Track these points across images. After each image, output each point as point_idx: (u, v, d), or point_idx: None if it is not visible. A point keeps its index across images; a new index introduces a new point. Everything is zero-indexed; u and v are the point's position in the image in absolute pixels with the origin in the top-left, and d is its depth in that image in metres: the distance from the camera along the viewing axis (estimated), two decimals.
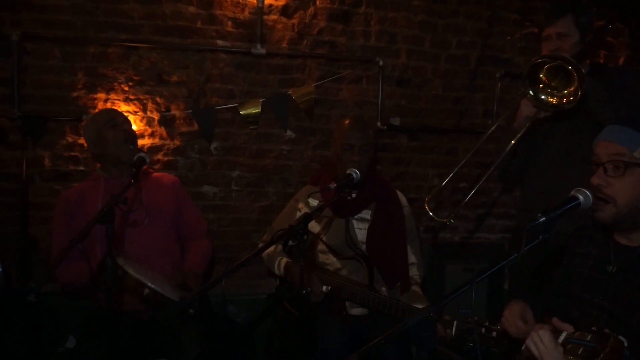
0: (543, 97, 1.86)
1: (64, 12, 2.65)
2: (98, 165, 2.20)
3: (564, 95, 1.81)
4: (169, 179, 2.28)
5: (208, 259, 2.20)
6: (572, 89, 1.77)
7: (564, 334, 1.09)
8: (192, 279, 2.00)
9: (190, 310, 1.70)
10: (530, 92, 1.86)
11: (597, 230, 1.40)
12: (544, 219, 1.18)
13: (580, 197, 1.24)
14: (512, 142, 1.94)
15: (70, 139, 2.74)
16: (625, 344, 1.01)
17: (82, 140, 2.74)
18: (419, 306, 1.92)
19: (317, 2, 2.93)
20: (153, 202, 2.13)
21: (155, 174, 2.28)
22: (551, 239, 1.20)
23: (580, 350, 1.02)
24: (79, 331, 2.13)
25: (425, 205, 2.02)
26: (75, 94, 2.72)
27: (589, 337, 1.03)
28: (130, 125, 2.17)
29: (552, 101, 1.85)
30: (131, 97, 2.78)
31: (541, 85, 1.86)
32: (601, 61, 3.36)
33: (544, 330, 1.10)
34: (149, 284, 1.75)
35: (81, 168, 2.77)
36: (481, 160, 3.06)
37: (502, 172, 2.19)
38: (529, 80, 1.85)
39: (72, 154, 2.76)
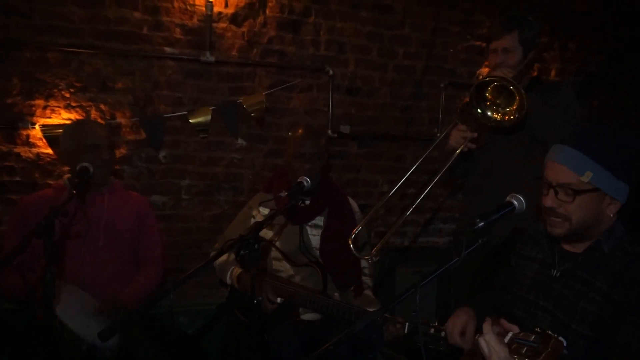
0: (489, 113, 1.98)
1: None
2: (67, 176, 2.11)
3: (507, 113, 1.95)
4: (138, 201, 2.21)
5: (151, 286, 2.12)
6: (514, 107, 1.91)
7: (510, 334, 1.15)
8: (114, 307, 1.90)
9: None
10: (479, 110, 1.98)
11: (543, 235, 1.46)
12: (482, 223, 1.24)
13: (515, 202, 1.32)
14: (448, 164, 2.06)
15: (4, 148, 2.58)
16: (565, 344, 1.08)
17: (17, 150, 2.60)
18: (371, 310, 1.96)
19: (267, 11, 2.94)
20: (113, 222, 2.07)
21: (125, 193, 2.21)
22: (489, 242, 1.27)
23: (524, 349, 1.07)
24: (13, 349, 2.01)
25: (350, 241, 1.94)
26: (9, 100, 2.56)
27: (533, 337, 1.09)
28: (110, 150, 2.10)
29: (497, 117, 1.98)
30: (73, 104, 2.66)
31: (488, 103, 1.98)
32: (535, 74, 3.60)
33: (490, 334, 1.16)
34: (69, 327, 1.72)
35: (17, 179, 2.61)
36: (428, 167, 3.17)
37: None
38: (476, 96, 1.96)
39: (7, 164, 2.60)
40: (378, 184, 3.33)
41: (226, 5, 2.84)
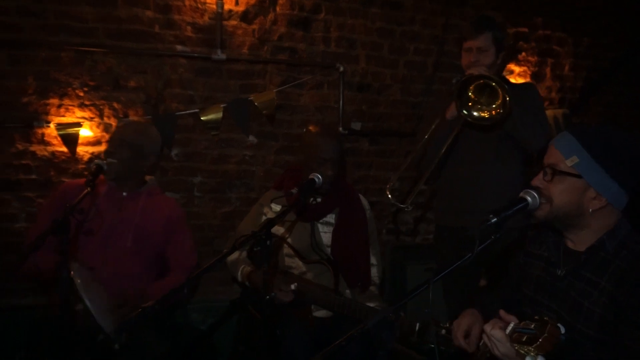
0: (475, 113, 2.05)
1: (9, 14, 2.52)
2: None
3: (493, 108, 2.01)
4: (171, 209, 2.19)
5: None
6: (499, 101, 1.99)
7: (511, 325, 1.17)
8: (135, 300, 1.90)
9: (116, 346, 1.71)
10: (464, 111, 2.04)
11: (549, 233, 1.45)
12: (495, 219, 1.22)
13: (529, 198, 1.30)
14: (443, 148, 2.12)
15: (20, 147, 2.62)
16: (562, 331, 1.09)
17: (33, 148, 2.64)
18: (372, 305, 1.97)
19: (277, 9, 2.94)
20: (144, 224, 2.09)
21: (161, 197, 2.22)
22: (502, 237, 1.26)
23: (525, 338, 1.11)
24: (28, 345, 2.05)
25: (387, 191, 2.20)
26: (25, 100, 2.60)
27: (533, 325, 1.12)
28: (134, 152, 2.08)
29: (485, 115, 2.04)
30: (86, 102, 2.69)
31: (470, 103, 2.05)
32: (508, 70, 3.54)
33: (493, 328, 1.18)
34: (86, 303, 1.71)
35: (33, 177, 2.65)
36: None
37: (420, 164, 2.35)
38: (459, 100, 2.02)
39: (23, 162, 2.64)
40: (389, 180, 3.31)
41: (237, 3, 2.85)
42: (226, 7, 2.81)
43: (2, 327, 2.46)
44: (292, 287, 2.00)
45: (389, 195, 2.19)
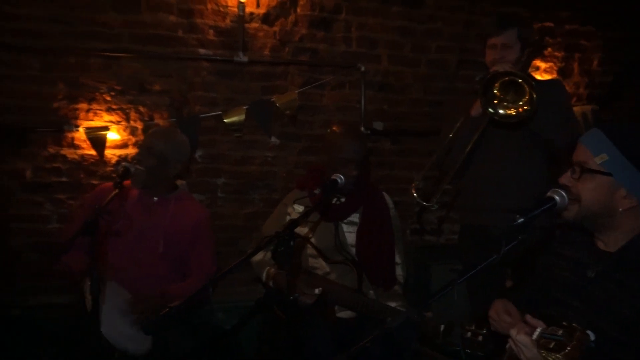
0: (501, 111, 2.00)
1: (39, 21, 2.62)
2: None
3: (520, 105, 1.97)
4: (198, 214, 2.21)
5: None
6: (526, 98, 1.94)
7: (538, 330, 1.14)
8: (153, 301, 1.94)
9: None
10: (490, 109, 1.99)
11: (578, 234, 1.41)
12: (522, 220, 1.20)
13: (557, 197, 1.26)
14: (469, 147, 2.08)
15: (52, 150, 2.71)
16: (592, 338, 1.06)
17: (64, 152, 2.72)
18: (395, 304, 1.95)
19: (298, 10, 2.96)
20: (173, 230, 2.12)
21: (189, 202, 2.24)
22: (528, 236, 1.23)
23: (552, 344, 1.08)
24: (59, 341, 2.11)
25: (413, 189, 2.13)
26: (56, 105, 2.69)
27: (560, 331, 1.09)
28: (160, 160, 2.10)
29: (511, 112, 1.99)
30: (113, 106, 2.76)
31: (496, 101, 2.00)
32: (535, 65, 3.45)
33: (519, 333, 1.15)
34: (103, 331, 1.79)
35: (64, 179, 2.74)
36: None
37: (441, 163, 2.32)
38: (485, 98, 1.98)
39: (55, 165, 2.73)
40: (412, 180, 3.29)
41: (258, 6, 2.87)
42: (247, 9, 2.84)
43: (34, 325, 2.54)
44: (317, 291, 1.99)
45: (415, 194, 2.17)
